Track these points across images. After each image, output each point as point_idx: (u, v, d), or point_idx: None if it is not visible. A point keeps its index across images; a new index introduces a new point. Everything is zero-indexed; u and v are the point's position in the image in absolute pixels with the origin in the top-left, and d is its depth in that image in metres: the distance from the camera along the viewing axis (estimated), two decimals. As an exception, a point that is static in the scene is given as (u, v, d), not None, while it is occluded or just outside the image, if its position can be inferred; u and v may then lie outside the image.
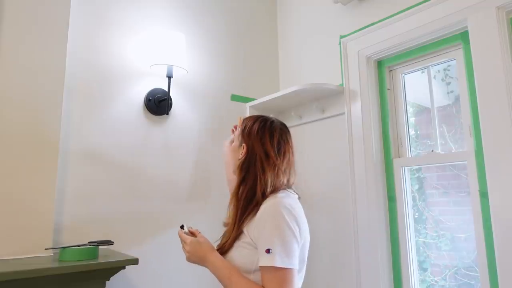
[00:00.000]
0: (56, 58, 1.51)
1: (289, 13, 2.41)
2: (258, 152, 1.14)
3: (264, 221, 1.03)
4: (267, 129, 1.18)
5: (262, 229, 1.02)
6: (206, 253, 1.10)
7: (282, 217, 1.02)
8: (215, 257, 1.09)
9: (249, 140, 1.17)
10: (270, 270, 0.97)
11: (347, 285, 1.83)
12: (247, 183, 1.13)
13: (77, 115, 1.63)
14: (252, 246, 1.06)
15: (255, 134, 1.18)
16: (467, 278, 1.58)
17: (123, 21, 1.82)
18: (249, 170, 1.14)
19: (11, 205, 1.35)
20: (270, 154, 1.14)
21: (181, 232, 1.17)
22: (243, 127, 1.21)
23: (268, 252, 0.97)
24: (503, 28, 1.42)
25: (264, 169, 1.12)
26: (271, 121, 1.22)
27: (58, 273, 1.17)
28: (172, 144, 1.89)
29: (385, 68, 1.88)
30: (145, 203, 1.76)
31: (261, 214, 1.05)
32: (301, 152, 2.11)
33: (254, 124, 1.20)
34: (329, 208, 1.97)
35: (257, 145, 1.16)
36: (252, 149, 1.16)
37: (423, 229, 1.75)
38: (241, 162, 1.16)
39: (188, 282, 1.81)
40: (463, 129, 1.59)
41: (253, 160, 1.14)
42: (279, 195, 1.10)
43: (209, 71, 2.10)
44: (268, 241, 0.99)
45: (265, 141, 1.16)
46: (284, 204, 1.05)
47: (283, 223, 1.01)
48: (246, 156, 1.16)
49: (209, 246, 1.13)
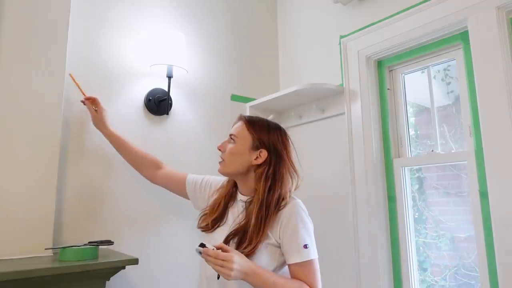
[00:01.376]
0: (56, 58, 1.51)
1: (289, 13, 2.41)
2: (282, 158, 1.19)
3: (295, 223, 1.12)
4: (283, 132, 1.25)
5: (293, 228, 1.12)
6: (251, 267, 1.05)
7: (306, 216, 1.17)
8: (257, 268, 1.06)
9: (270, 145, 1.19)
10: (307, 263, 1.10)
11: (347, 285, 1.83)
12: (276, 190, 1.15)
13: (77, 115, 1.63)
14: (275, 247, 1.14)
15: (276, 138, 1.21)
16: (467, 278, 1.58)
17: (123, 20, 1.82)
18: (275, 177, 1.16)
19: (11, 205, 1.35)
20: (292, 158, 1.22)
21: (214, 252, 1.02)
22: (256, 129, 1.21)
23: (306, 247, 1.10)
24: (503, 28, 1.42)
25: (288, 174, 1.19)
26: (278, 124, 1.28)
27: (58, 273, 1.17)
28: (172, 144, 1.89)
29: (385, 68, 1.88)
30: (145, 203, 1.76)
31: (289, 217, 1.13)
32: (301, 152, 2.11)
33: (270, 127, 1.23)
34: (329, 208, 1.97)
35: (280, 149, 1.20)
36: (276, 155, 1.19)
37: (423, 229, 1.75)
38: (265, 170, 1.17)
39: (188, 282, 1.81)
40: (463, 129, 1.59)
41: (278, 166, 1.18)
42: (294, 197, 1.20)
43: (209, 71, 2.10)
44: (303, 238, 1.11)
45: (286, 145, 1.23)
46: (303, 206, 1.18)
47: (307, 221, 1.16)
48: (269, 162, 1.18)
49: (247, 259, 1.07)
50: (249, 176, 1.21)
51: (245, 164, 1.19)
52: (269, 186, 1.15)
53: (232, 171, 1.22)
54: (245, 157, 1.19)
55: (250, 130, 1.21)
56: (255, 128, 1.21)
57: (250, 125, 1.22)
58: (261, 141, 1.19)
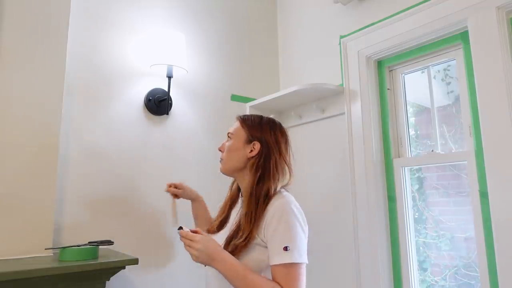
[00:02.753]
0: (56, 58, 1.51)
1: (289, 13, 2.41)
2: (273, 150, 1.17)
3: (278, 221, 1.05)
4: (277, 126, 1.23)
5: (276, 228, 1.05)
6: (218, 251, 1.05)
7: (294, 215, 1.07)
8: (227, 255, 1.05)
9: (262, 137, 1.19)
10: (286, 266, 1.01)
11: (347, 285, 1.83)
12: (265, 181, 1.13)
13: (77, 115, 1.63)
14: (263, 247, 1.08)
15: (267, 131, 1.20)
16: (467, 278, 1.58)
17: (123, 20, 1.82)
18: (265, 168, 1.15)
19: (11, 205, 1.35)
20: (283, 152, 1.19)
21: (185, 232, 1.09)
22: (249, 124, 1.22)
23: (286, 250, 1.01)
24: (503, 28, 1.42)
25: (277, 167, 1.15)
26: (274, 119, 1.26)
27: (58, 273, 1.17)
28: (172, 144, 1.89)
29: (385, 68, 1.88)
30: (145, 203, 1.76)
31: (272, 214, 1.07)
32: (301, 152, 2.11)
33: (263, 122, 1.23)
34: (329, 208, 1.97)
35: (272, 142, 1.18)
36: (267, 146, 1.17)
37: (423, 229, 1.75)
38: (256, 160, 1.16)
39: (188, 282, 1.81)
40: (463, 129, 1.59)
41: (268, 158, 1.16)
42: (284, 194, 1.14)
43: (209, 71, 2.10)
44: (284, 239, 1.03)
45: (279, 138, 1.20)
46: (293, 203, 1.11)
47: (295, 221, 1.06)
48: (260, 153, 1.17)
49: (218, 244, 1.09)
50: (246, 172, 1.21)
51: (242, 159, 1.19)
52: (259, 177, 1.14)
53: (230, 167, 1.22)
54: (241, 152, 1.20)
55: (243, 125, 1.23)
56: (248, 123, 1.23)
57: (244, 122, 1.24)
58: (253, 135, 1.20)
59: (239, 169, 1.21)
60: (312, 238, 1.19)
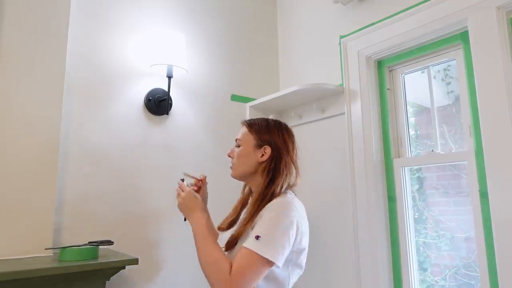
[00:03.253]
0: (56, 58, 1.51)
1: (289, 13, 2.41)
2: (282, 151, 1.19)
3: (268, 214, 1.07)
4: (284, 127, 1.25)
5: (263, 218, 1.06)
6: (197, 207, 1.16)
7: (286, 215, 1.07)
8: (203, 215, 1.15)
9: (271, 140, 1.21)
10: (248, 252, 1.00)
11: (347, 285, 1.83)
12: (275, 183, 1.16)
13: (77, 115, 1.63)
14: None
15: (275, 133, 1.22)
16: (467, 278, 1.58)
17: (123, 21, 1.82)
18: (276, 170, 1.17)
19: (12, 205, 1.35)
20: (291, 152, 1.21)
21: (182, 183, 1.23)
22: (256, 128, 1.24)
23: (257, 239, 1.01)
24: (503, 28, 1.42)
25: (287, 167, 1.18)
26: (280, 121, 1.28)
27: (58, 273, 1.17)
28: (172, 144, 1.89)
29: (385, 68, 1.88)
30: (145, 203, 1.76)
31: (267, 209, 1.09)
32: (301, 152, 2.10)
33: (269, 124, 1.25)
34: (329, 208, 1.97)
35: (280, 143, 1.20)
36: (277, 149, 1.19)
37: (423, 229, 1.75)
38: (267, 164, 1.18)
39: (188, 282, 1.81)
40: (463, 129, 1.59)
41: (279, 160, 1.18)
42: (288, 195, 1.16)
43: (209, 71, 2.10)
44: (262, 229, 1.03)
45: (286, 139, 1.22)
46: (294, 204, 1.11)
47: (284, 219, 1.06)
48: (272, 157, 1.19)
49: (203, 204, 1.19)
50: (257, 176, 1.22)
51: (253, 164, 1.21)
52: (269, 180, 1.16)
53: (241, 172, 1.24)
54: (252, 157, 1.21)
55: (251, 131, 1.24)
56: (255, 128, 1.24)
57: (251, 127, 1.25)
58: (263, 139, 1.21)
59: (251, 174, 1.22)
60: (312, 238, 1.19)
